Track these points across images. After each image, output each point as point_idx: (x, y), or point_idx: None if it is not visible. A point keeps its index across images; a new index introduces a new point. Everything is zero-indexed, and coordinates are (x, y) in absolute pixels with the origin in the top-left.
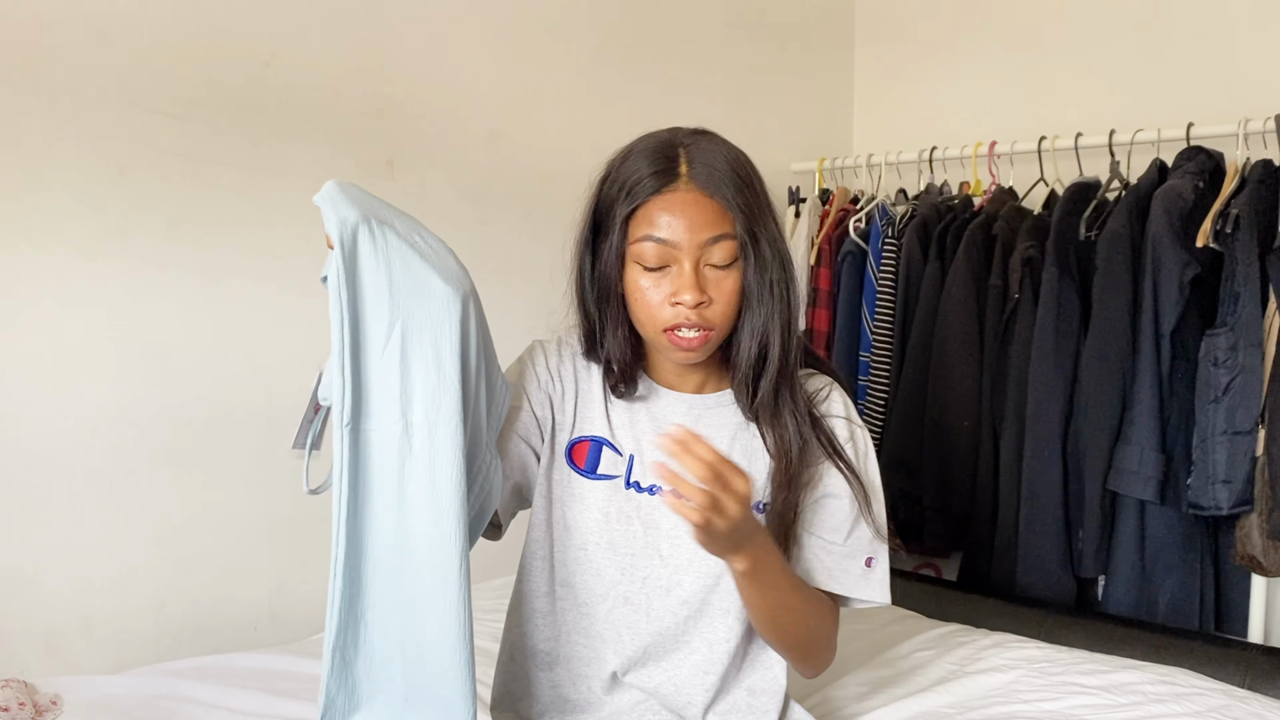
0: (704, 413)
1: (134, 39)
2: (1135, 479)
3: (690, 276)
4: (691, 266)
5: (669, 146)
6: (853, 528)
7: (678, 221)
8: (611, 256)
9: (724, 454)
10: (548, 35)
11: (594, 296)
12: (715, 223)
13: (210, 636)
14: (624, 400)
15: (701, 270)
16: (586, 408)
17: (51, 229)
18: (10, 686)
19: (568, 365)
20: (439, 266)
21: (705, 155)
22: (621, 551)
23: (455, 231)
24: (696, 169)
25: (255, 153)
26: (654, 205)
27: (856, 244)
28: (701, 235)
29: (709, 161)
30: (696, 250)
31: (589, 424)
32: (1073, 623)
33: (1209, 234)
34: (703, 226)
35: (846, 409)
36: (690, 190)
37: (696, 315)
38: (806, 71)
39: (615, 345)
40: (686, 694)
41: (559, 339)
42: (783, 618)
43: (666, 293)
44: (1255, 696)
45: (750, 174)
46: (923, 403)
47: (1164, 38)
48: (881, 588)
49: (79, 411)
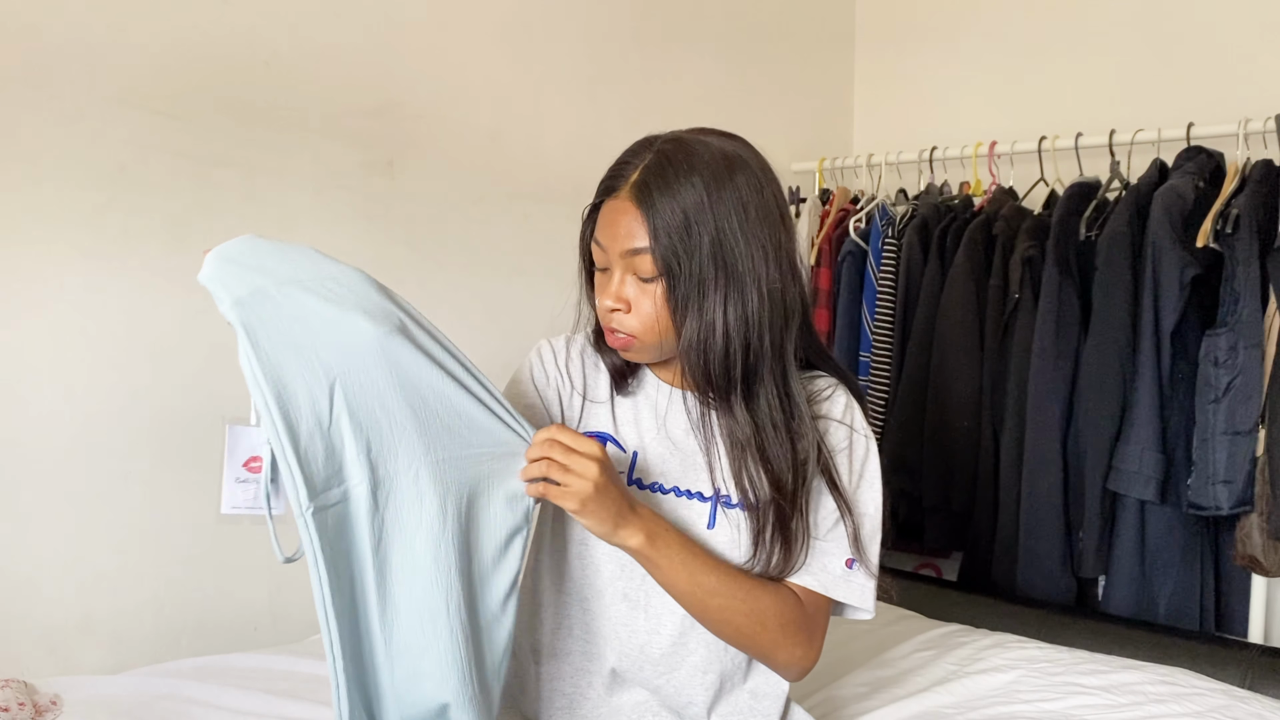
0: (695, 405)
1: (134, 39)
2: (1135, 479)
3: (613, 282)
4: (620, 273)
5: (636, 153)
6: (834, 525)
7: (607, 229)
8: (586, 250)
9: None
10: (548, 35)
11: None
12: (635, 236)
13: (210, 636)
14: (629, 397)
15: (625, 279)
16: (594, 404)
17: (51, 229)
18: (10, 686)
19: (575, 361)
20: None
21: (660, 168)
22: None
23: (455, 231)
24: (640, 180)
25: (255, 153)
26: (602, 209)
27: (856, 244)
28: (623, 245)
29: (660, 175)
30: (620, 259)
31: (595, 420)
32: (1073, 623)
33: (1209, 234)
34: (624, 237)
35: (848, 413)
36: (625, 200)
37: (616, 321)
38: (806, 71)
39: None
40: (687, 694)
41: (567, 336)
42: (709, 600)
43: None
44: (1255, 696)
45: (711, 187)
46: (923, 403)
47: (1164, 38)
48: (864, 593)
49: (79, 411)
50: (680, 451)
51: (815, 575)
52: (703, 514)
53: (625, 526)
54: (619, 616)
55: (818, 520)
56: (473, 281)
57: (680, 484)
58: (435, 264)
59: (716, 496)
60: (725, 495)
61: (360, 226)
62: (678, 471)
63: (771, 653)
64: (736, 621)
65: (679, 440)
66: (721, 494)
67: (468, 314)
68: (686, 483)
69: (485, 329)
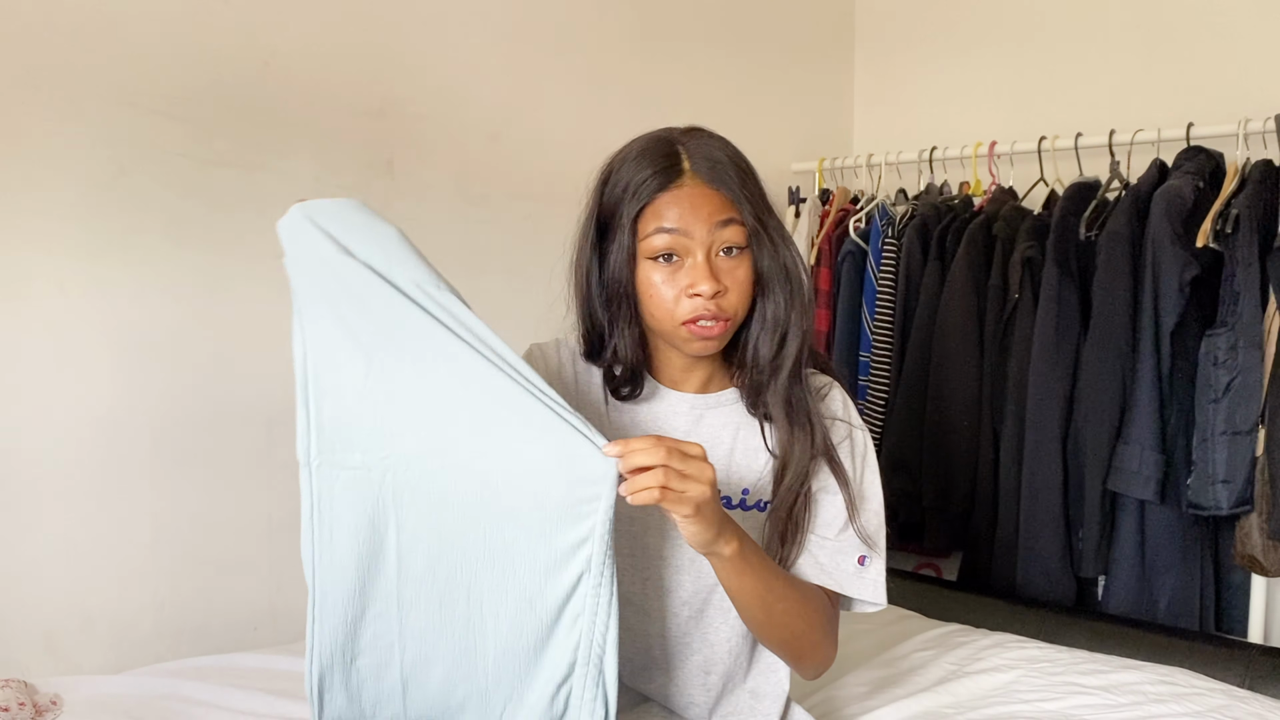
0: (706, 412)
1: (134, 39)
2: (1135, 479)
3: (704, 267)
4: (705, 257)
5: (667, 144)
6: (846, 524)
7: (687, 213)
8: (622, 257)
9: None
10: (548, 35)
11: (602, 300)
12: (723, 210)
13: (210, 636)
14: (626, 402)
15: (714, 260)
16: (586, 411)
17: (51, 229)
18: (10, 686)
19: (568, 368)
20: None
21: (704, 150)
22: (623, 552)
23: (455, 231)
24: (699, 163)
25: (255, 153)
26: (661, 201)
27: (856, 244)
28: (712, 220)
29: (709, 156)
30: (708, 238)
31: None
32: (1073, 623)
33: (1209, 234)
34: (712, 213)
35: (846, 410)
36: (696, 184)
37: (715, 305)
38: (806, 71)
39: (626, 346)
40: (688, 694)
41: (557, 341)
42: (776, 605)
43: (682, 285)
44: (1255, 696)
45: (749, 166)
46: (923, 403)
47: (1164, 38)
48: (876, 588)
49: (79, 411)
50: None
51: (831, 575)
52: None
53: (724, 534)
54: (622, 620)
55: (828, 520)
56: (473, 281)
57: None
58: (435, 264)
59: (731, 501)
60: (727, 496)
61: None
62: None
63: (811, 653)
64: (795, 625)
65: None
66: (724, 495)
67: None
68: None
69: None
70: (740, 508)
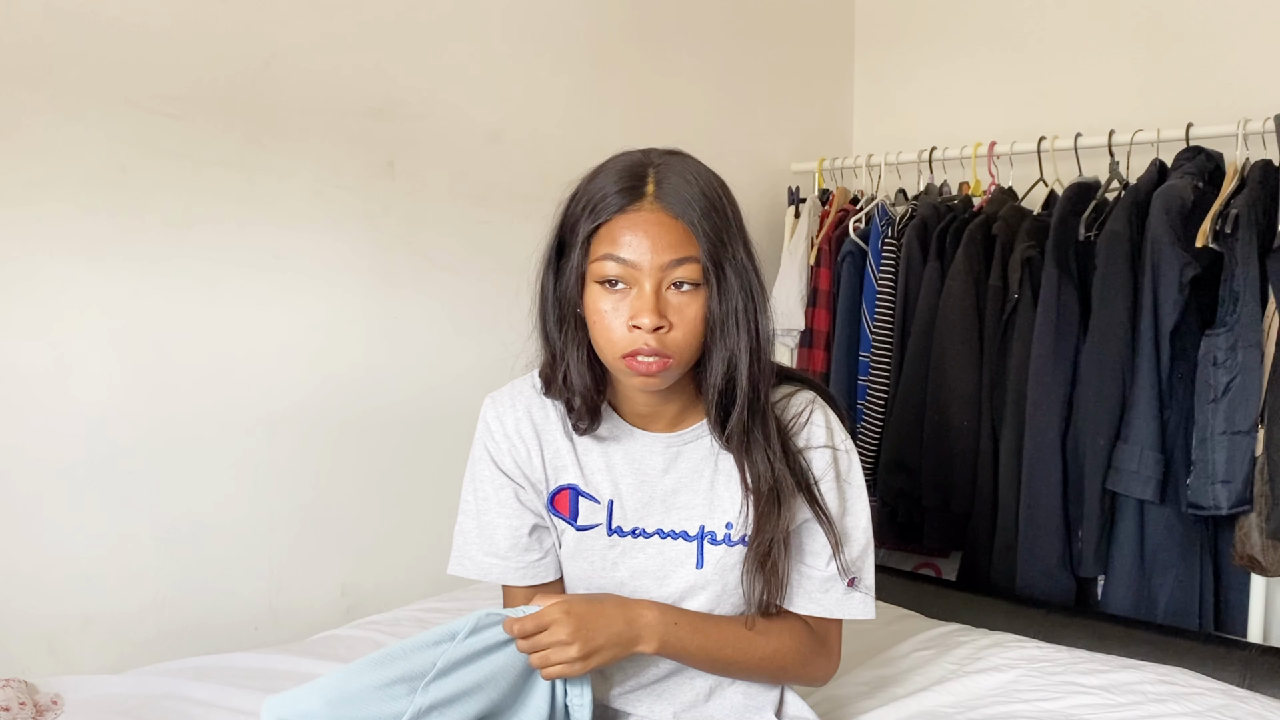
0: (681, 449)
1: (134, 39)
2: (1135, 479)
3: (650, 299)
4: (653, 289)
5: (638, 165)
6: (830, 558)
7: (640, 241)
8: (572, 276)
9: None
10: (548, 36)
11: (554, 318)
12: (679, 245)
13: (210, 636)
14: (595, 442)
15: (663, 294)
16: (555, 456)
17: (51, 229)
18: (10, 686)
19: (524, 419)
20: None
21: (674, 177)
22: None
23: (455, 231)
24: (664, 189)
25: (255, 153)
26: (617, 223)
27: (856, 244)
28: (664, 256)
29: (678, 183)
30: (658, 272)
31: (562, 473)
32: (1072, 622)
33: (1208, 234)
34: (665, 248)
35: (829, 432)
36: (655, 210)
37: (655, 340)
38: (806, 71)
39: (576, 372)
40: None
41: (510, 387)
42: (729, 656)
43: (625, 316)
44: (1255, 696)
45: (722, 198)
46: (922, 403)
47: (1164, 38)
48: (864, 605)
49: (79, 411)
50: (659, 492)
51: (819, 603)
52: (689, 554)
53: (636, 643)
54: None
55: (815, 551)
56: (473, 281)
57: (664, 525)
58: (435, 264)
59: (702, 534)
60: (711, 531)
61: (360, 226)
62: (659, 513)
63: (798, 673)
64: (756, 674)
65: (654, 480)
66: (707, 530)
67: (467, 314)
68: (670, 523)
69: (485, 329)
70: (725, 543)
